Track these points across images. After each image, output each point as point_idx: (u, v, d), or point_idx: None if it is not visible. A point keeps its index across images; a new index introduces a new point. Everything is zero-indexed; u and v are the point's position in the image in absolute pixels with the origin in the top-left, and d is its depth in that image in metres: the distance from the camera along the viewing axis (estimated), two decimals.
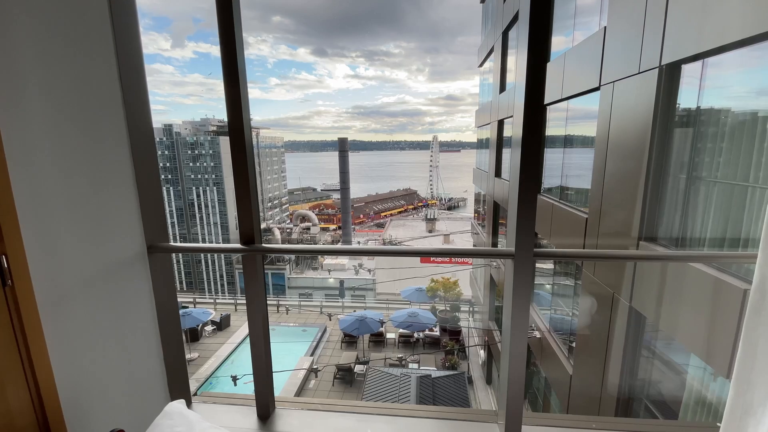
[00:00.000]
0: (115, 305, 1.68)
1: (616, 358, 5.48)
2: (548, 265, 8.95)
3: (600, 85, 5.97)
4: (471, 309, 22.82)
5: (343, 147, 52.69)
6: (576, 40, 7.57)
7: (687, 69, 4.12)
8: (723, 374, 3.38)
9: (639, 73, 4.78)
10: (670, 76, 4.31)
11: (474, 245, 21.21)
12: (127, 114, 1.67)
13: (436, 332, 19.97)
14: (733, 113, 3.73)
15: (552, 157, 8.72)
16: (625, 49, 5.21)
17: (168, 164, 53.26)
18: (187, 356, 18.18)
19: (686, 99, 4.20)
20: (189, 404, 2.06)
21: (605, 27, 5.85)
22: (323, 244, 51.74)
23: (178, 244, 1.83)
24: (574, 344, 7.34)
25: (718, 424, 1.78)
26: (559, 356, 7.83)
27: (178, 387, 1.98)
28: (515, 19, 11.83)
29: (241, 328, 21.26)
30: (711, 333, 3.52)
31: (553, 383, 8.31)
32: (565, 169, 8.34)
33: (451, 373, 14.59)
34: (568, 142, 8.19)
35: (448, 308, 23.59)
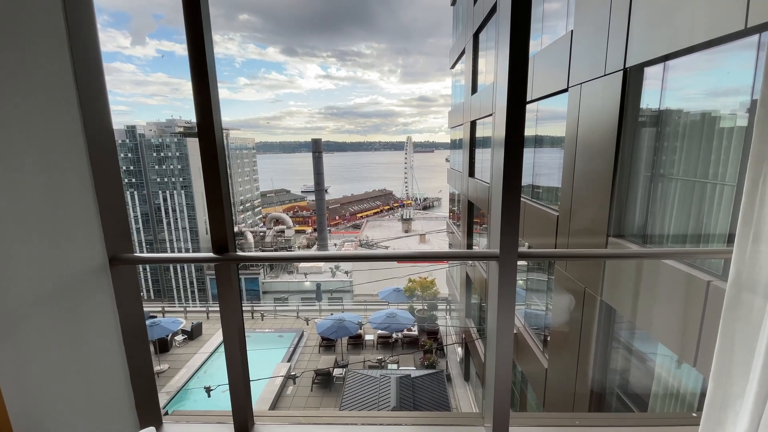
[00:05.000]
0: (73, 324, 1.54)
1: (589, 350, 5.67)
2: (521, 262, 9.16)
3: (568, 87, 6.17)
4: (448, 307, 23.10)
5: (317, 148, 52.13)
6: (544, 43, 7.80)
7: (649, 72, 4.31)
8: (689, 362, 3.55)
9: (605, 75, 4.96)
10: (633, 78, 4.50)
11: (450, 244, 21.50)
12: (84, 115, 1.54)
13: (415, 332, 20.07)
14: (692, 114, 3.94)
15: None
16: (591, 52, 5.40)
17: (132, 167, 50.90)
18: (157, 368, 17.37)
19: (649, 100, 4.39)
20: (159, 426, 1.92)
21: (572, 31, 6.05)
22: (298, 247, 50.92)
23: (144, 254, 1.70)
24: (548, 338, 7.55)
25: (694, 414, 1.84)
26: (535, 351, 8.03)
27: (147, 409, 1.85)
28: (486, 21, 12.07)
29: (214, 337, 20.55)
30: (677, 322, 3.69)
31: (529, 377, 8.51)
32: (535, 169, 8.58)
33: (430, 371, 14.69)
34: (537, 142, 8.43)
35: (425, 307, 23.77)
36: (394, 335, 19.54)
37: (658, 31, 3.97)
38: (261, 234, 47.85)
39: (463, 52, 15.68)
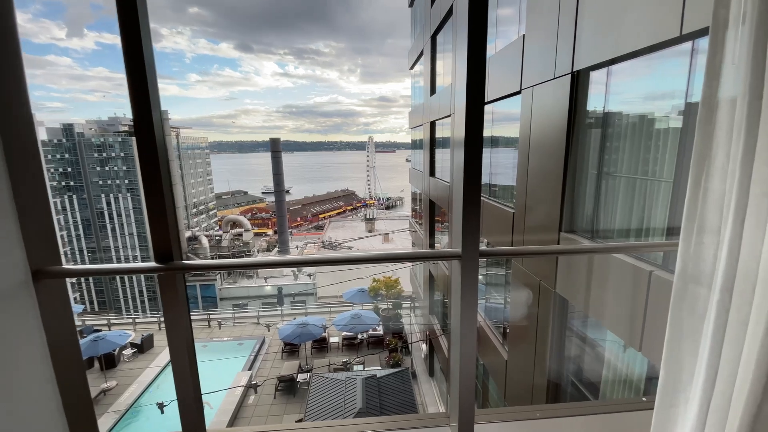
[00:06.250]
0: None
1: (545, 340, 5.94)
2: (482, 259, 9.43)
3: (521, 90, 6.42)
4: (412, 305, 23.36)
5: (275, 147, 50.64)
6: (498, 47, 8.07)
7: (595, 76, 4.57)
8: (635, 347, 3.80)
9: (555, 78, 5.21)
10: (581, 81, 4.76)
11: (413, 243, 21.75)
12: None
13: (380, 331, 20.10)
14: (632, 116, 4.23)
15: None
16: (541, 56, 5.64)
17: (69, 169, 46.74)
18: (104, 386, 16.05)
19: (595, 103, 4.66)
20: None
21: (524, 35, 6.30)
22: (258, 250, 49.25)
23: (73, 266, 1.52)
24: (507, 331, 7.83)
25: (644, 398, 1.95)
26: (495, 343, 8.30)
27: None
28: (443, 23, 12.31)
29: (167, 349, 19.31)
30: (624, 311, 3.94)
31: (491, 370, 8.79)
32: (492, 168, 8.88)
33: (395, 370, 14.76)
34: (493, 142, 8.73)
35: (390, 306, 23.88)
36: (359, 336, 19.44)
37: (602, 37, 4.22)
38: (217, 238, 45.74)
39: (421, 54, 15.90)
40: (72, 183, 46.81)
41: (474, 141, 1.48)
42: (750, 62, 0.93)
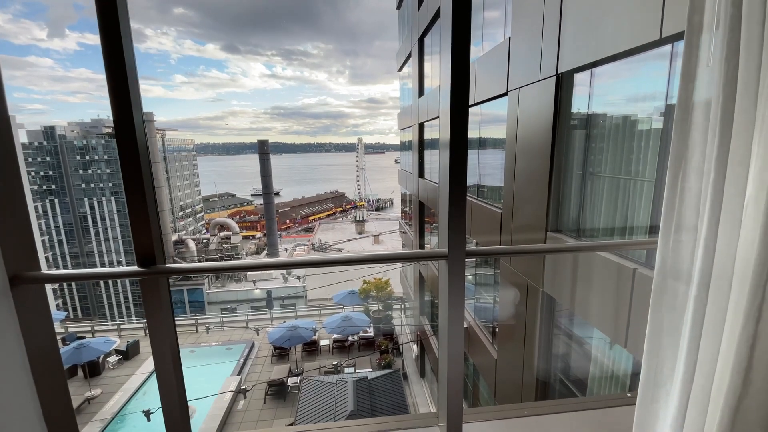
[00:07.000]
0: None
1: (534, 339, 6.00)
2: (470, 260, 9.51)
3: (507, 91, 6.49)
4: (403, 306, 23.38)
5: (263, 149, 50.09)
6: (485, 49, 8.16)
7: (579, 78, 4.65)
8: (621, 343, 3.87)
9: (540, 80, 5.28)
10: (565, 83, 4.84)
11: (403, 244, 21.78)
12: None
13: (371, 333, 20.05)
14: (615, 117, 4.31)
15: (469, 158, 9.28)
16: (527, 58, 5.72)
17: (51, 173, 45.55)
18: (88, 394, 15.65)
19: (579, 104, 4.75)
20: None
21: (510, 38, 6.37)
22: (246, 253, 48.68)
23: (53, 272, 1.48)
24: (497, 330, 7.90)
25: (629, 394, 1.98)
26: (485, 343, 8.36)
27: None
28: (430, 26, 12.39)
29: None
30: (609, 308, 4.01)
31: (481, 369, 8.85)
32: (480, 169, 8.95)
33: (386, 372, 14.74)
34: (481, 144, 8.81)
35: (381, 308, 23.86)
36: (350, 338, 19.36)
37: (585, 40, 4.30)
38: (204, 241, 45.05)
39: (409, 56, 15.97)
40: (54, 186, 45.67)
41: (459, 142, 1.50)
42: (723, 65, 0.96)
